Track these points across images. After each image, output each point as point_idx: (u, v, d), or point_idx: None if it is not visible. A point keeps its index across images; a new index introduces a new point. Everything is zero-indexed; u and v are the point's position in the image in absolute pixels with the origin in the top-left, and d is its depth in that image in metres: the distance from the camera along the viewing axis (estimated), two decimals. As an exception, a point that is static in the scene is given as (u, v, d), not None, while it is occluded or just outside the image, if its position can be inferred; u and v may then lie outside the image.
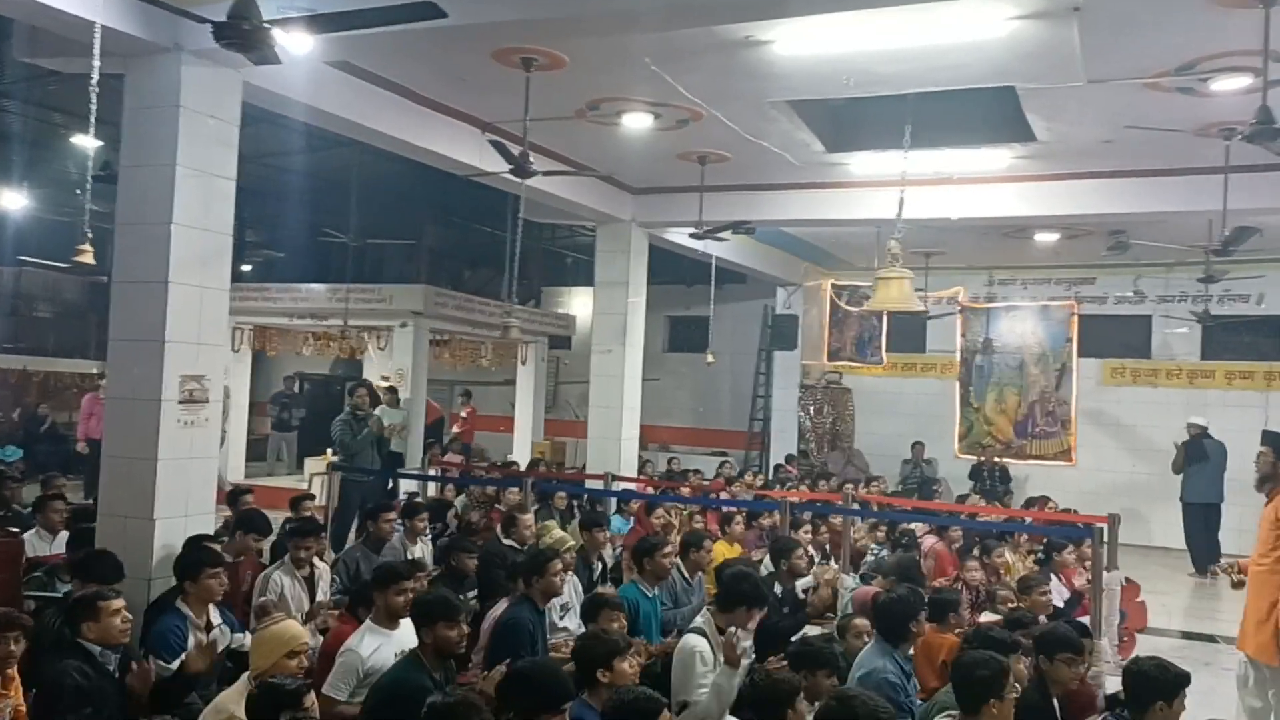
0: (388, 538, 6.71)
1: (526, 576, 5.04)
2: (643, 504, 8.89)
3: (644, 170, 9.66)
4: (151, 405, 5.58)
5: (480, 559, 6.34)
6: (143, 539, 5.51)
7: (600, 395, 10.85)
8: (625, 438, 10.73)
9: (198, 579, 4.76)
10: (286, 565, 5.78)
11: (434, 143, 7.72)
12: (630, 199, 10.58)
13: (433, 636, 3.96)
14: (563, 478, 11.27)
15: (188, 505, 5.73)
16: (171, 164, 5.63)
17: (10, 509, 7.56)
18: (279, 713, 2.78)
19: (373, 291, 13.60)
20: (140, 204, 5.75)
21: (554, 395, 17.72)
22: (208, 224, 5.85)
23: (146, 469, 5.56)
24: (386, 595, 4.56)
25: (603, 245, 10.99)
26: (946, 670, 4.81)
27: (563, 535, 6.86)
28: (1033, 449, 13.51)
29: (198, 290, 5.79)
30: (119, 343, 5.81)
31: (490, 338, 15.24)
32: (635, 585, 5.68)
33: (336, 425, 9.75)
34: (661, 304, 14.88)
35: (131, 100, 5.78)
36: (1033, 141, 7.86)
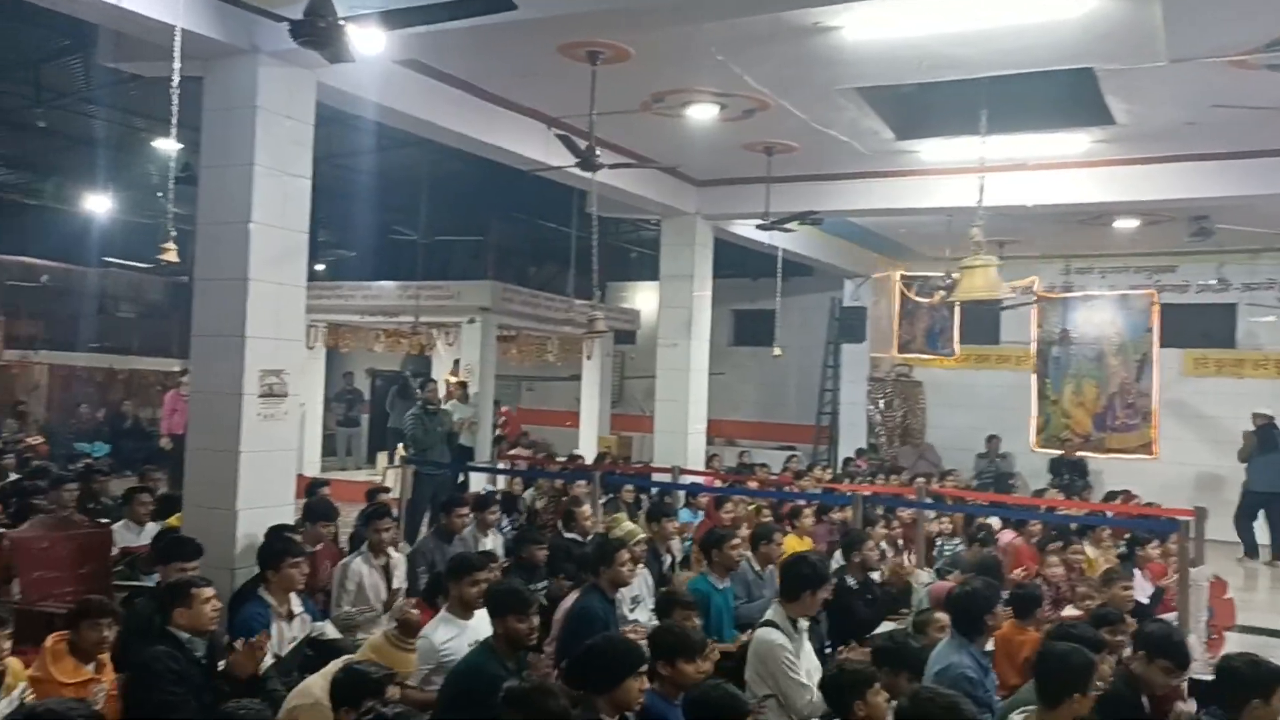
0: (459, 530, 6.80)
1: (595, 566, 5.06)
2: (712, 497, 8.86)
3: (709, 162, 9.62)
4: (233, 399, 5.72)
5: (550, 550, 6.40)
6: (226, 529, 5.65)
7: (666, 389, 10.84)
8: (692, 432, 10.70)
9: (279, 568, 4.87)
10: (365, 555, 5.89)
11: (500, 139, 7.78)
12: (695, 191, 10.54)
13: (504, 628, 3.99)
14: (630, 471, 11.30)
15: (268, 496, 5.85)
16: (249, 164, 5.76)
17: (99, 502, 7.81)
18: (362, 700, 2.82)
19: (441, 288, 13.79)
20: (220, 204, 5.90)
21: (619, 390, 17.77)
22: (284, 222, 5.97)
23: (229, 461, 5.70)
24: (461, 586, 4.62)
25: (667, 239, 10.97)
26: (1029, 668, 4.72)
27: (633, 528, 6.87)
28: (1112, 442, 13.16)
29: (275, 287, 5.92)
30: (201, 339, 5.97)
31: (557, 333, 15.34)
32: (705, 578, 5.67)
33: (408, 419, 9.90)
34: (726, 298, 14.80)
35: (211, 102, 5.93)
36: (1112, 125, 7.64)
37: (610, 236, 16.29)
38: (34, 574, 5.36)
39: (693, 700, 3.17)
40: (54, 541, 5.65)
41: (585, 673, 3.37)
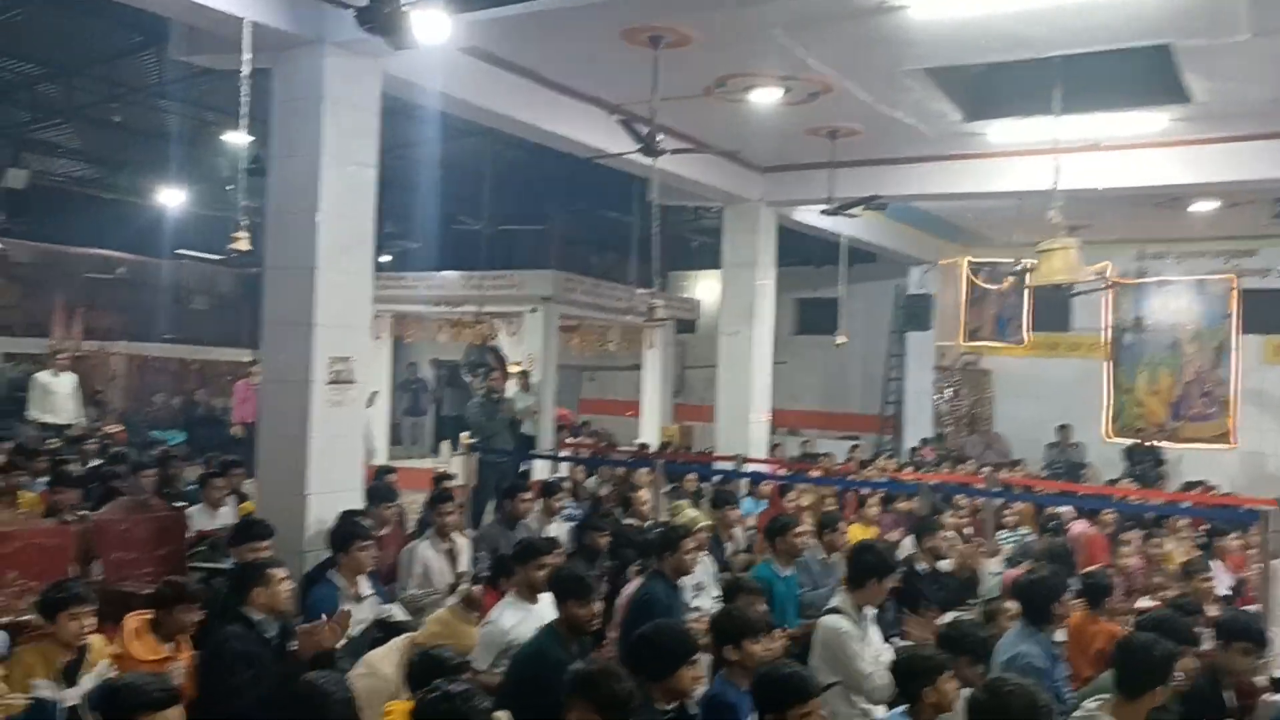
0: (523, 516, 6.85)
1: (659, 552, 5.06)
2: (776, 486, 8.80)
3: (772, 147, 9.53)
4: (302, 386, 5.83)
5: (612, 537, 6.41)
6: (296, 513, 5.76)
7: (729, 378, 10.79)
8: (755, 421, 10.64)
9: (349, 551, 4.95)
10: (430, 539, 5.96)
11: (562, 126, 7.79)
12: (758, 177, 10.46)
13: (566, 613, 4.00)
14: (692, 459, 11.27)
15: (337, 481, 5.95)
16: (317, 154, 5.85)
17: (175, 487, 8.02)
18: (435, 679, 2.85)
19: (504, 278, 13.86)
20: (289, 194, 6.00)
21: (681, 379, 17.72)
22: (351, 211, 6.06)
23: (299, 447, 5.81)
24: (527, 570, 4.65)
25: (730, 226, 10.90)
26: (1102, 659, 4.60)
27: (696, 515, 6.85)
28: (1188, 431, 12.79)
29: (343, 275, 6.01)
30: (272, 327, 6.09)
31: (618, 322, 15.35)
32: (769, 565, 5.63)
33: (472, 407, 10.00)
34: (789, 286, 14.65)
35: (279, 93, 6.04)
36: (1190, 103, 7.39)
37: (672, 225, 16.19)
38: (114, 555, 5.51)
39: (762, 679, 3.14)
40: (133, 524, 5.81)
41: (639, 660, 3.36)
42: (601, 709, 2.75)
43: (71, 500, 6.49)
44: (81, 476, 7.92)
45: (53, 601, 3.85)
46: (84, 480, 7.81)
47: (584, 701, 2.78)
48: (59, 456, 8.75)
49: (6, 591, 4.99)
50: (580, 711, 2.79)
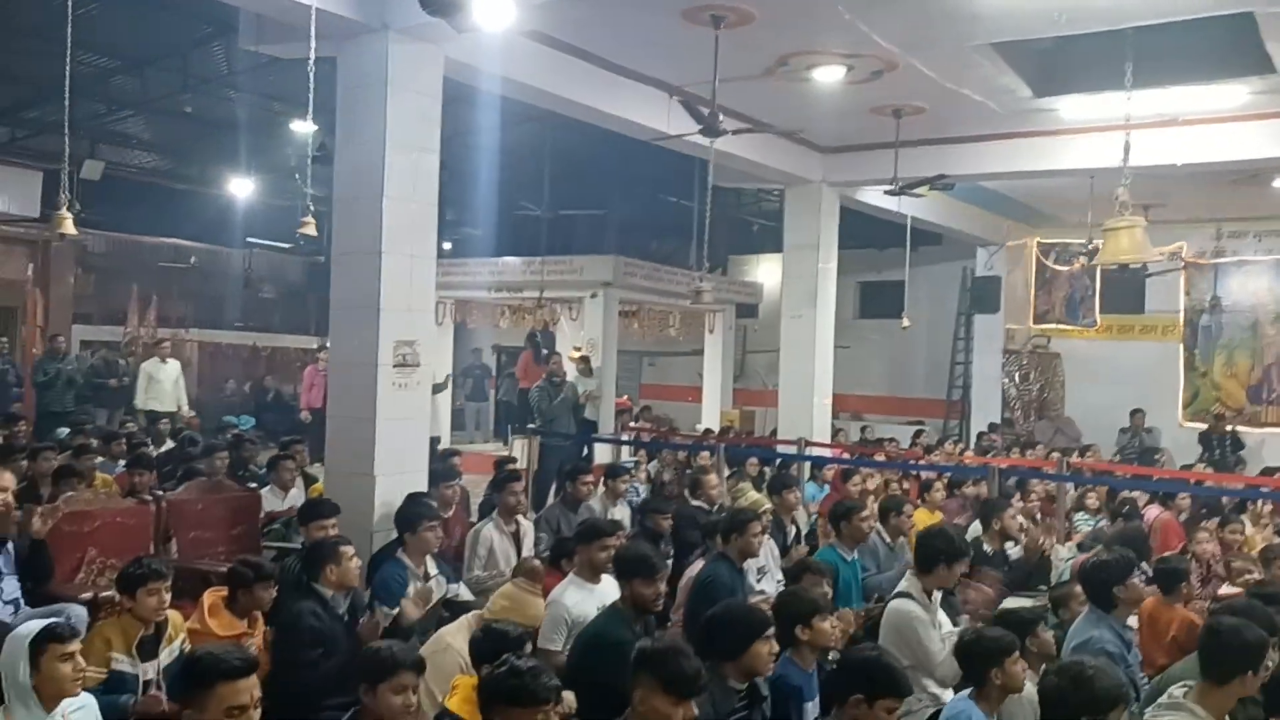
0: (585, 498, 6.88)
1: (725, 535, 5.04)
2: (838, 471, 8.72)
3: (834, 127, 9.40)
4: (369, 369, 5.91)
5: (674, 519, 6.41)
6: (364, 494, 5.85)
7: (791, 361, 10.70)
8: (817, 404, 10.54)
9: (416, 531, 5.02)
10: (495, 521, 6.02)
11: (622, 108, 7.77)
12: (820, 158, 10.33)
13: (631, 592, 4.01)
14: (754, 443, 11.22)
15: (403, 463, 6.03)
16: (381, 140, 5.91)
17: (247, 469, 8.21)
18: (500, 654, 2.88)
19: (564, 263, 13.91)
20: (354, 180, 6.08)
21: (742, 364, 17.64)
22: (415, 196, 6.12)
23: (366, 429, 5.90)
24: (590, 550, 4.66)
25: (791, 208, 10.79)
26: (1176, 646, 4.47)
27: (758, 498, 6.82)
28: (1270, 415, 12.35)
29: (408, 259, 6.07)
30: (339, 311, 6.18)
31: (678, 307, 15.32)
32: (833, 549, 5.58)
33: (534, 392, 10.08)
34: (852, 269, 14.50)
35: (344, 81, 6.11)
36: (1274, 74, 7.10)
37: (732, 208, 16.15)
38: (190, 534, 5.67)
39: (858, 663, 3.09)
40: (207, 504, 5.97)
41: (711, 639, 3.36)
42: (667, 685, 2.75)
43: (149, 481, 6.67)
44: (158, 458, 8.15)
45: (131, 577, 3.96)
46: (160, 462, 8.05)
47: (650, 678, 2.78)
48: (136, 440, 9.01)
49: (87, 568, 5.16)
50: (646, 689, 2.78)
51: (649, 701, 2.77)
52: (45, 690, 2.94)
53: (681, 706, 2.73)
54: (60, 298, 14.45)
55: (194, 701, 2.62)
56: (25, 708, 2.90)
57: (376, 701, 2.94)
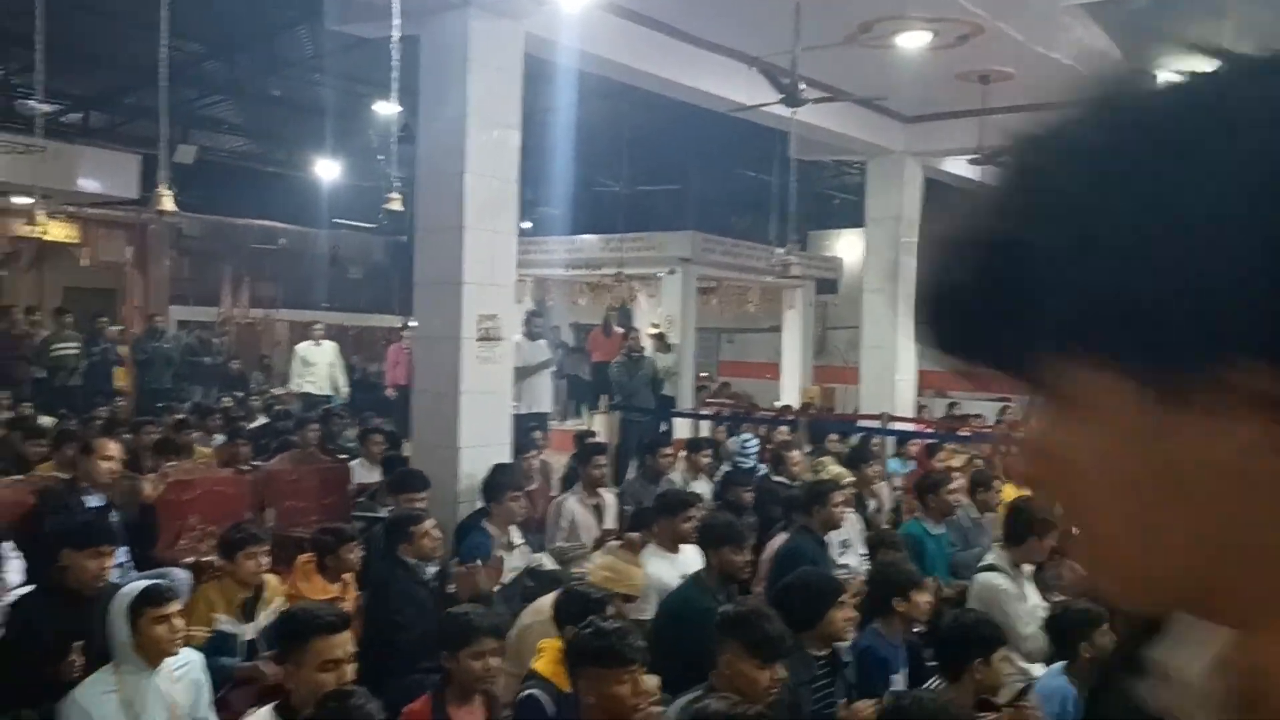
0: (665, 471, 6.91)
1: (807, 506, 5.01)
2: (923, 446, 8.58)
3: (918, 96, 9.18)
4: (453, 343, 6.01)
5: (756, 493, 6.39)
6: (449, 466, 5.96)
7: (873, 337, 10.55)
8: (900, 380, 10.38)
9: (501, 501, 5.11)
10: (578, 493, 6.08)
11: (701, 80, 7.71)
12: (902, 128, 10.12)
13: (719, 559, 4.01)
14: (837, 418, 11.11)
15: (486, 435, 6.12)
16: (463, 116, 5.98)
17: (337, 443, 8.44)
18: (584, 615, 2.92)
19: (642, 239, 13.91)
20: (437, 156, 6.16)
21: (822, 340, 17.45)
22: (496, 171, 6.18)
23: (450, 402, 6.00)
24: (673, 521, 4.69)
25: (873, 179, 10.62)
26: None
27: (840, 471, 6.75)
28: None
29: (489, 234, 6.14)
30: (424, 287, 6.29)
31: (757, 283, 15.21)
32: (919, 522, 5.50)
33: (613, 367, 10.13)
34: (935, 242, 14.17)
35: (426, 58, 6.18)
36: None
37: (812, 183, 15.93)
38: (285, 503, 5.86)
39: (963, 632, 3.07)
40: (301, 474, 6.16)
41: (789, 608, 3.34)
42: (752, 649, 2.75)
43: (246, 453, 6.90)
44: (253, 431, 8.42)
45: (232, 542, 4.11)
46: (254, 436, 8.32)
47: (735, 642, 2.79)
48: (232, 414, 9.32)
49: (189, 535, 5.38)
50: (732, 653, 2.79)
51: (735, 665, 2.78)
52: (145, 650, 3.07)
53: (767, 670, 2.74)
54: (158, 279, 14.97)
55: (291, 656, 2.72)
56: (131, 664, 3.04)
57: (459, 667, 3.01)
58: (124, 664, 3.01)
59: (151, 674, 3.04)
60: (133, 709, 2.94)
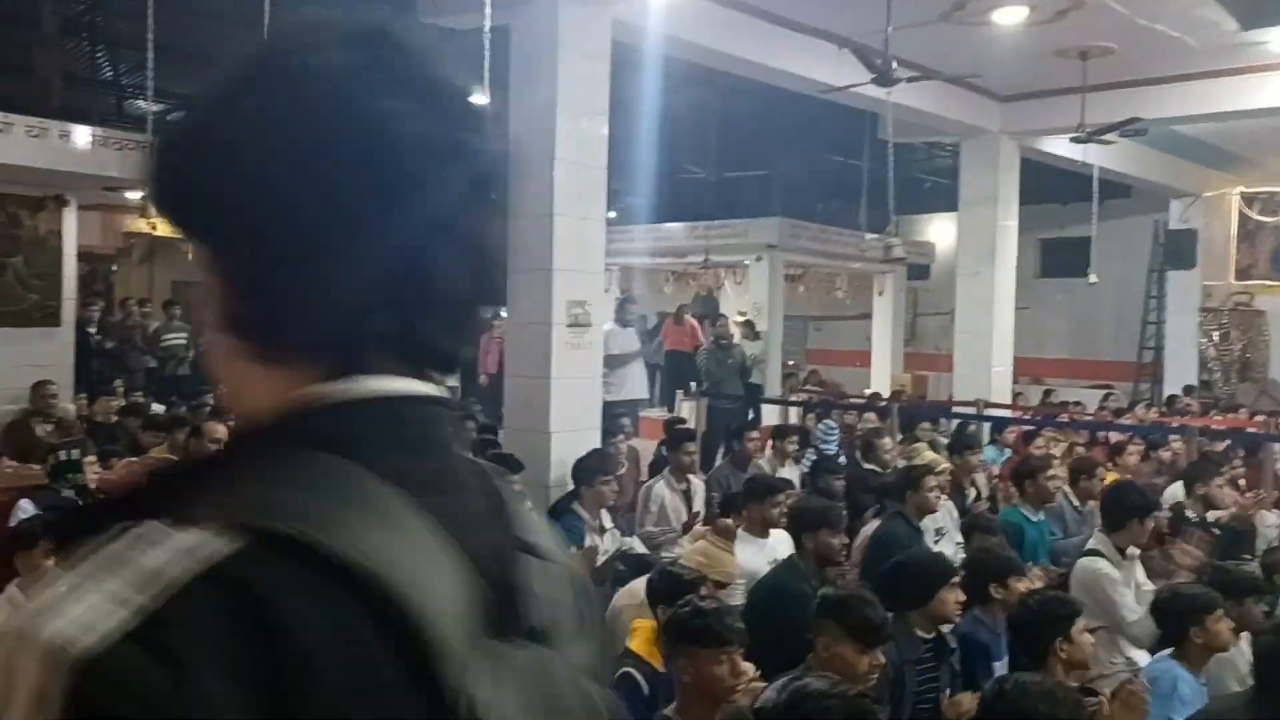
0: (752, 456, 6.88)
1: (900, 491, 4.94)
2: (1020, 434, 8.37)
3: (1015, 73, 8.92)
4: (544, 329, 6.08)
5: (846, 481, 6.32)
6: (540, 450, 6.03)
7: (967, 322, 10.32)
8: (996, 367, 10.13)
9: (592, 484, 5.15)
10: (667, 478, 6.10)
11: (790, 63, 7.63)
12: (998, 107, 9.85)
13: (815, 543, 3.98)
14: (928, 405, 10.91)
15: (577, 420, 6.18)
16: (552, 105, 6.03)
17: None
18: (678, 596, 2.92)
19: (728, 227, 13.84)
20: (528, 145, 6.22)
21: (912, 327, 17.15)
22: (584, 159, 6.22)
23: (542, 387, 6.07)
24: (762, 506, 4.67)
25: (968, 161, 10.37)
26: None
27: (934, 457, 6.62)
28: None
29: (578, 221, 6.19)
30: (516, 274, 6.35)
31: (846, 269, 15.01)
32: (1017, 509, 5.38)
33: (701, 354, 10.12)
34: (1032, 225, 13.76)
35: (516, 48, 6.25)
36: None
37: (903, 166, 15.57)
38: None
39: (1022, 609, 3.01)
40: (398, 460, 6.29)
41: (895, 589, 3.30)
42: (852, 632, 2.72)
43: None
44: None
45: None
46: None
47: (834, 625, 2.76)
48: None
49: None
50: (830, 636, 2.77)
51: (833, 649, 2.76)
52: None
53: (867, 655, 2.71)
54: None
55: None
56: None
57: None
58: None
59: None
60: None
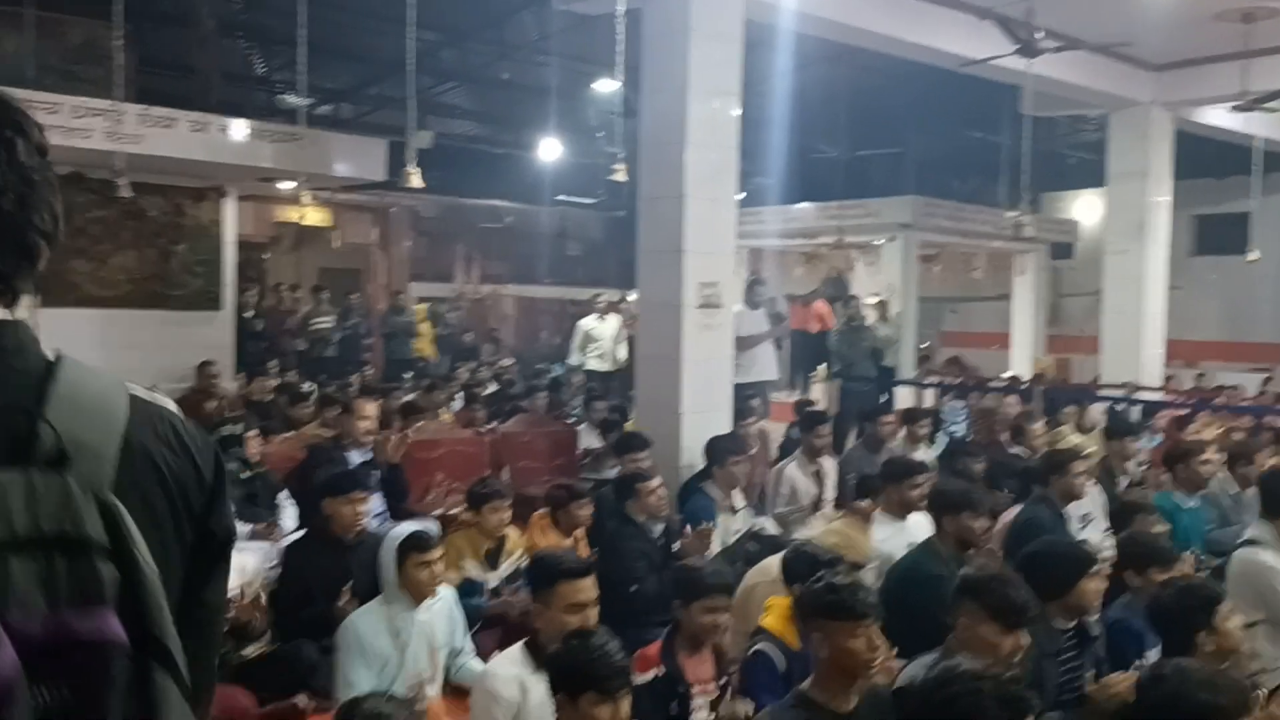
0: (886, 440, 6.77)
1: (1044, 476, 4.78)
2: (1173, 418, 7.97)
3: (1169, 40, 8.45)
4: (674, 310, 6.12)
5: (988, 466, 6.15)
6: (671, 431, 6.08)
7: (1115, 302, 9.87)
8: (1146, 348, 9.66)
9: (724, 464, 5.18)
10: (798, 460, 6.07)
11: (928, 36, 7.43)
12: (1150, 77, 9.35)
13: (955, 526, 3.90)
14: (1073, 388, 10.49)
15: (707, 401, 6.21)
16: (684, 86, 6.05)
17: (563, 409, 8.82)
18: (812, 573, 2.92)
19: (860, 206, 13.56)
20: (658, 128, 6.27)
21: (1055, 308, 16.48)
22: (715, 140, 6.22)
23: (673, 368, 6.12)
24: (900, 488, 4.61)
25: (1117, 133, 9.89)
26: None
27: (1080, 441, 6.39)
28: None
29: (709, 203, 6.20)
30: (646, 256, 6.43)
31: (984, 249, 14.53)
32: (1169, 495, 5.13)
33: (833, 337, 10.00)
34: (1185, 201, 13.00)
35: (648, 31, 6.29)
36: None
37: (1045, 141, 15.00)
38: (519, 463, 6.20)
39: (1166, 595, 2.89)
40: (532, 437, 6.49)
41: (1034, 577, 3.21)
42: (994, 613, 2.67)
43: (481, 417, 7.34)
44: (487, 397, 8.93)
45: (479, 495, 4.40)
46: (487, 402, 8.83)
47: (975, 605, 2.71)
48: (468, 381, 9.93)
49: (436, 490, 5.79)
50: (970, 617, 2.72)
51: (973, 630, 2.71)
52: (409, 590, 3.33)
53: (1010, 636, 2.65)
54: (399, 258, 16.06)
55: (540, 598, 2.89)
56: (397, 600, 3.32)
57: (689, 618, 3.10)
58: (391, 598, 3.29)
59: (414, 609, 3.31)
60: (399, 638, 3.23)
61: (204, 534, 0.97)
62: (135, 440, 0.90)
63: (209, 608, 0.99)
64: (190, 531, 0.95)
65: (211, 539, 0.98)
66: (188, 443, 0.97)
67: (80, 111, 7.69)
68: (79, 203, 8.79)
